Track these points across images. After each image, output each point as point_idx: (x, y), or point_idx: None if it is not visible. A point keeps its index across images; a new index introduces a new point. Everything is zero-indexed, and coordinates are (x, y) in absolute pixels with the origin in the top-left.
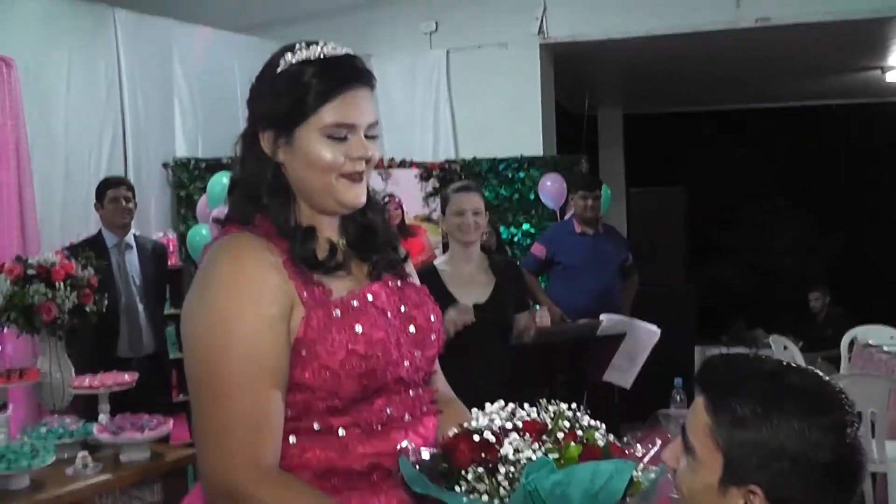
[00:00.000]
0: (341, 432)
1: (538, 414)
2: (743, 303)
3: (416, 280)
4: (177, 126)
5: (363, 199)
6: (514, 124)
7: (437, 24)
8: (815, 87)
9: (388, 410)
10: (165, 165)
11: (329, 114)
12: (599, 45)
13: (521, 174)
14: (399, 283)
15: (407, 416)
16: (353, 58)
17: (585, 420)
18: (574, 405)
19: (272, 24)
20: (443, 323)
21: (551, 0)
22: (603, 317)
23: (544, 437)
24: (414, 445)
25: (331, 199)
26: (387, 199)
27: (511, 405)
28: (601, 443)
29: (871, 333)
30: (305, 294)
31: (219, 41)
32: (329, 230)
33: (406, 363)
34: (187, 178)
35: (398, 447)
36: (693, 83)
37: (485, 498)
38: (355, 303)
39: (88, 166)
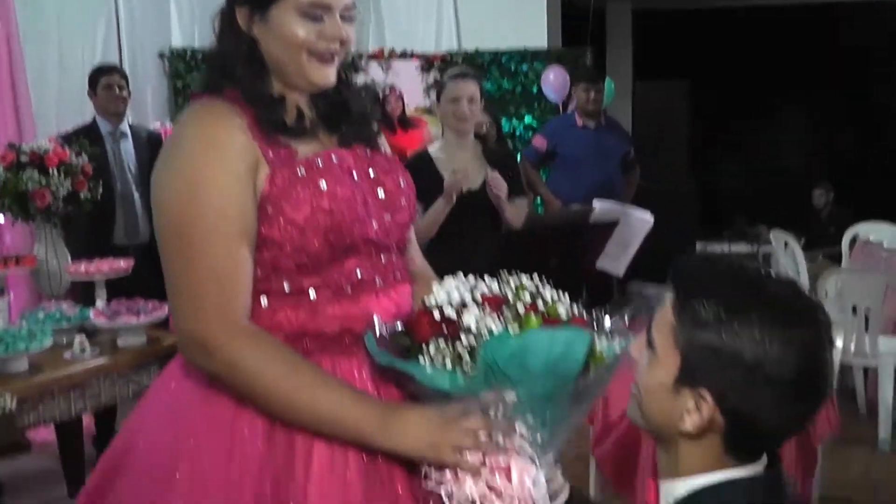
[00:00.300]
0: (312, 294)
1: (500, 287)
2: (746, 199)
3: (391, 156)
4: (172, 15)
5: (332, 80)
6: (519, 16)
7: None
8: None
9: (359, 272)
10: (161, 56)
11: None
12: None
13: (524, 67)
14: (368, 151)
15: (378, 281)
16: None
17: (548, 293)
18: (537, 278)
19: None
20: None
21: None
22: (596, 203)
23: (505, 311)
24: (381, 319)
25: (301, 78)
26: (387, 91)
27: (472, 278)
28: (564, 316)
29: (872, 230)
30: (271, 154)
31: None
32: (300, 102)
33: (374, 224)
34: (184, 68)
35: (370, 317)
36: None
37: (448, 366)
38: (320, 162)
39: (82, 56)
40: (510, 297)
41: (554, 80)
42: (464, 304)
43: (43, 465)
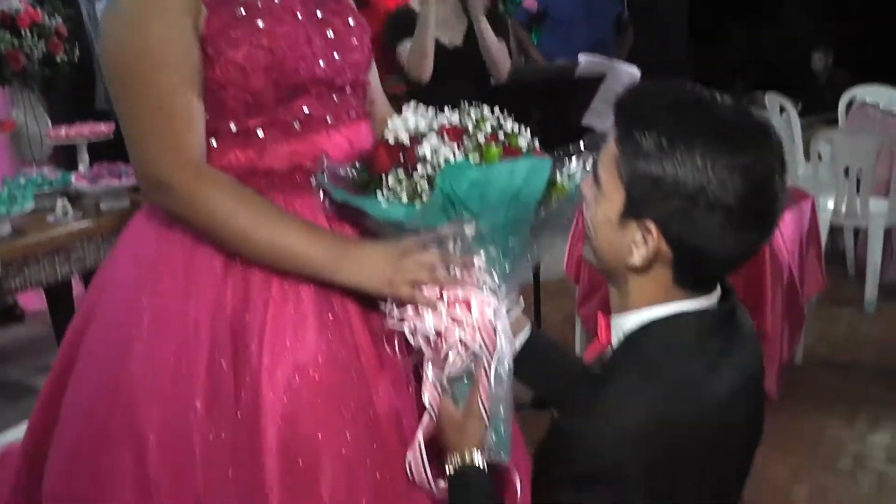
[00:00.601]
0: (259, 133)
1: (460, 119)
2: (745, 64)
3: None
4: None
5: None
6: None
7: None
8: None
9: (306, 109)
10: None
11: None
12: None
13: None
14: None
15: (329, 118)
16: None
17: (509, 125)
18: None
19: None
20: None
21: None
22: (581, 57)
23: (465, 140)
24: (333, 157)
25: None
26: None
27: (432, 110)
28: (525, 148)
29: (870, 93)
30: None
31: None
32: None
33: (322, 63)
34: None
35: (321, 154)
36: None
37: (404, 199)
38: (259, 3)
39: None
40: (470, 128)
41: None
42: (423, 135)
43: (36, 333)
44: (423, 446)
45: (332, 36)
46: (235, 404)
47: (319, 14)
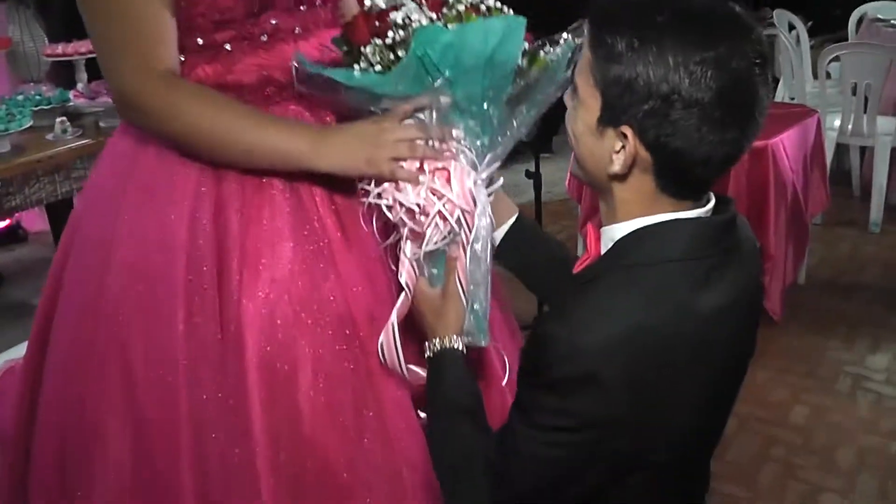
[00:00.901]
0: (227, 47)
1: None
2: None
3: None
4: None
5: None
6: None
7: None
8: None
9: (274, 21)
10: None
11: None
12: None
13: None
14: None
15: (297, 29)
16: None
17: (491, 0)
18: None
19: None
20: None
21: None
22: None
23: (444, 11)
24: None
25: None
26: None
27: None
28: None
29: (880, 9)
30: None
31: None
32: None
33: None
34: None
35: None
36: None
37: (377, 68)
38: None
39: None
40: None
41: None
42: (402, 4)
43: (39, 255)
44: (396, 327)
45: None
46: (218, 320)
47: None
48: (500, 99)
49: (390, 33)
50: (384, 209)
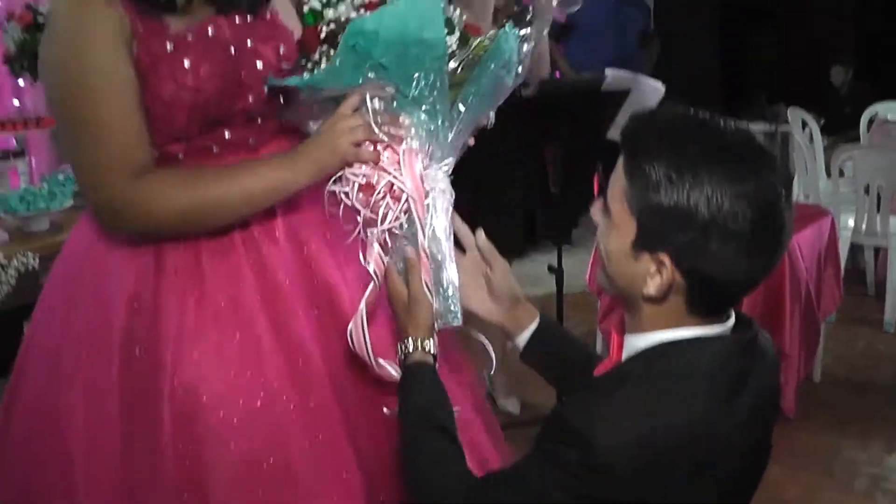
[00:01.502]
0: (180, 156)
1: None
2: (767, 77)
3: (282, 18)
4: None
5: None
6: None
7: None
8: None
9: (227, 135)
10: None
11: None
12: None
13: None
14: (249, 18)
15: (251, 140)
16: None
17: None
18: None
19: None
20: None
21: None
22: (608, 71)
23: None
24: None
25: None
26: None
27: None
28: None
29: (890, 109)
30: (140, 26)
31: None
32: None
33: (250, 97)
34: None
35: None
36: None
37: (324, 65)
38: (190, 37)
39: None
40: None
41: None
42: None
43: None
44: (364, 317)
45: (261, 67)
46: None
47: (249, 43)
48: (441, 84)
49: (325, 29)
50: (341, 196)
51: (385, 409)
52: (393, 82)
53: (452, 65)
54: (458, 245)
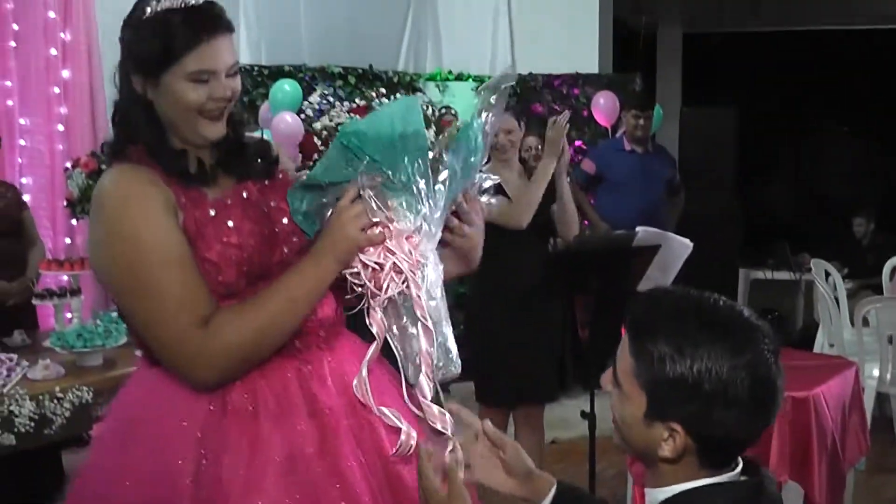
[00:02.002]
0: None
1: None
2: (791, 226)
3: (288, 176)
4: (241, 33)
5: (222, 132)
6: (572, 40)
7: None
8: (885, 10)
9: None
10: None
11: (192, 62)
12: None
13: (576, 91)
14: (267, 182)
15: None
16: (212, 5)
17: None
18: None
19: None
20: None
21: None
22: (639, 229)
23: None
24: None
25: (195, 136)
26: (443, 111)
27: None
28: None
29: None
30: (183, 198)
31: None
32: (199, 152)
33: (285, 248)
34: (250, 83)
35: None
36: (752, 3)
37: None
38: (229, 201)
39: None
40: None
41: (604, 105)
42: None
43: None
44: (366, 374)
45: (287, 222)
46: None
47: (273, 202)
48: (424, 170)
49: (324, 133)
50: (349, 277)
51: None
52: (383, 172)
53: (431, 153)
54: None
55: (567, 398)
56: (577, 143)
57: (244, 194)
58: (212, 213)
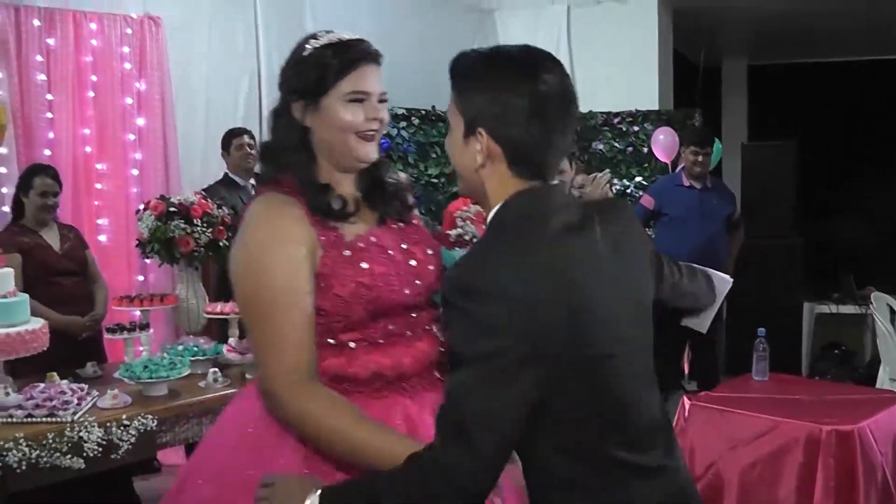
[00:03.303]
0: (352, 345)
1: None
2: (855, 259)
3: (419, 223)
4: None
5: (374, 156)
6: (632, 78)
7: None
8: None
9: (391, 327)
10: None
11: (348, 84)
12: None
13: (636, 127)
14: (402, 225)
15: (408, 333)
16: (363, 41)
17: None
18: None
19: None
20: None
21: None
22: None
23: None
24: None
25: (349, 157)
26: None
27: None
28: None
29: None
30: (323, 238)
31: None
32: (345, 185)
33: (406, 290)
34: None
35: (399, 366)
36: (817, 34)
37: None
38: (362, 244)
39: (226, 115)
40: None
41: (663, 141)
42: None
43: (171, 485)
44: None
45: (415, 264)
46: None
47: (405, 245)
48: None
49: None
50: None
51: None
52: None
53: None
54: None
55: None
56: (637, 178)
57: (378, 238)
58: (347, 253)
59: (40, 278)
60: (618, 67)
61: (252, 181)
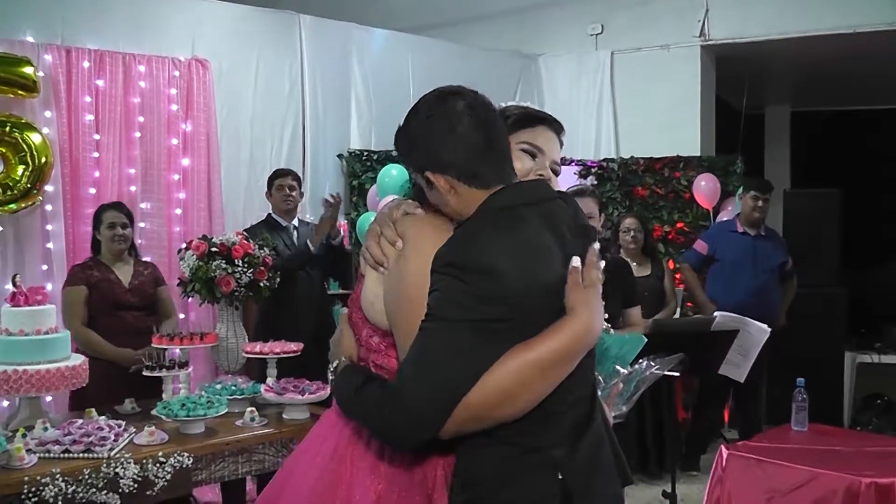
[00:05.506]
0: None
1: None
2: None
3: None
4: (352, 120)
5: None
6: (674, 124)
7: (602, 26)
8: None
9: None
10: (340, 156)
11: (525, 135)
12: (760, 46)
13: (677, 173)
14: None
15: None
16: (552, 117)
17: None
18: None
19: (444, 25)
20: None
21: (713, 2)
22: (717, 314)
23: None
24: None
25: None
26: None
27: None
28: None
29: None
30: None
31: (394, 41)
32: None
33: None
34: (360, 168)
35: None
36: (861, 81)
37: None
38: None
39: (270, 156)
40: None
41: (705, 188)
42: None
43: None
44: None
45: None
46: None
47: None
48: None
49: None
50: None
51: None
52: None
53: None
54: None
55: (655, 480)
56: (679, 224)
57: None
58: None
59: (105, 311)
60: (660, 113)
61: (295, 222)
